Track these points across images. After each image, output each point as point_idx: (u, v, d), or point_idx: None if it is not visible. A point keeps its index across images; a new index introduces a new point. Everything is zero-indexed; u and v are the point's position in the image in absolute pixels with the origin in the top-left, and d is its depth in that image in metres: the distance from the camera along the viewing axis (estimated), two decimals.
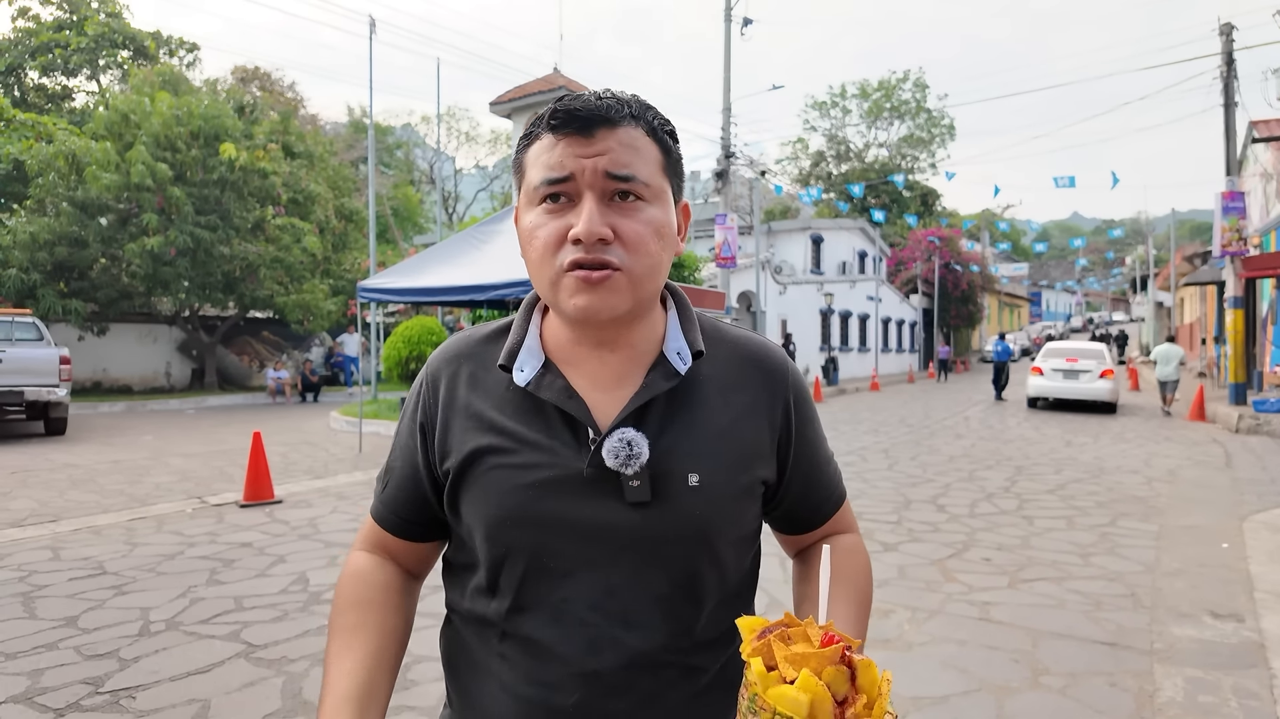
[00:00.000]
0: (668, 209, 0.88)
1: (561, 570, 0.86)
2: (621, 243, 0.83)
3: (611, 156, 0.82)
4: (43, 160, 15.28)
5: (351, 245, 20.28)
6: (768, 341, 1.01)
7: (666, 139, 0.88)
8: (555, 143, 0.83)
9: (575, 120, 0.82)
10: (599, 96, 0.84)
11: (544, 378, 0.89)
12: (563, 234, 0.83)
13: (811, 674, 0.66)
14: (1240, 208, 14.21)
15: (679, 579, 0.87)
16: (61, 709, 2.98)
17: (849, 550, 1.01)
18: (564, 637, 0.85)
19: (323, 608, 4.12)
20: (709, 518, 0.87)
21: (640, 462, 0.84)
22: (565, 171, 0.82)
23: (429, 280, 9.33)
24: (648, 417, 0.88)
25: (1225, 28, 14.57)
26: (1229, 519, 6.26)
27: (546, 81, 19.01)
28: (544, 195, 0.84)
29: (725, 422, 0.91)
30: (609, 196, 0.83)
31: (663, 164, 0.87)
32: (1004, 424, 13.60)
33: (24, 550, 5.28)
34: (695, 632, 0.89)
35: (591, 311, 0.84)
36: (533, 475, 0.86)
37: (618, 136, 0.83)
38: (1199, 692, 3.14)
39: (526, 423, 0.89)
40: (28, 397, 10.55)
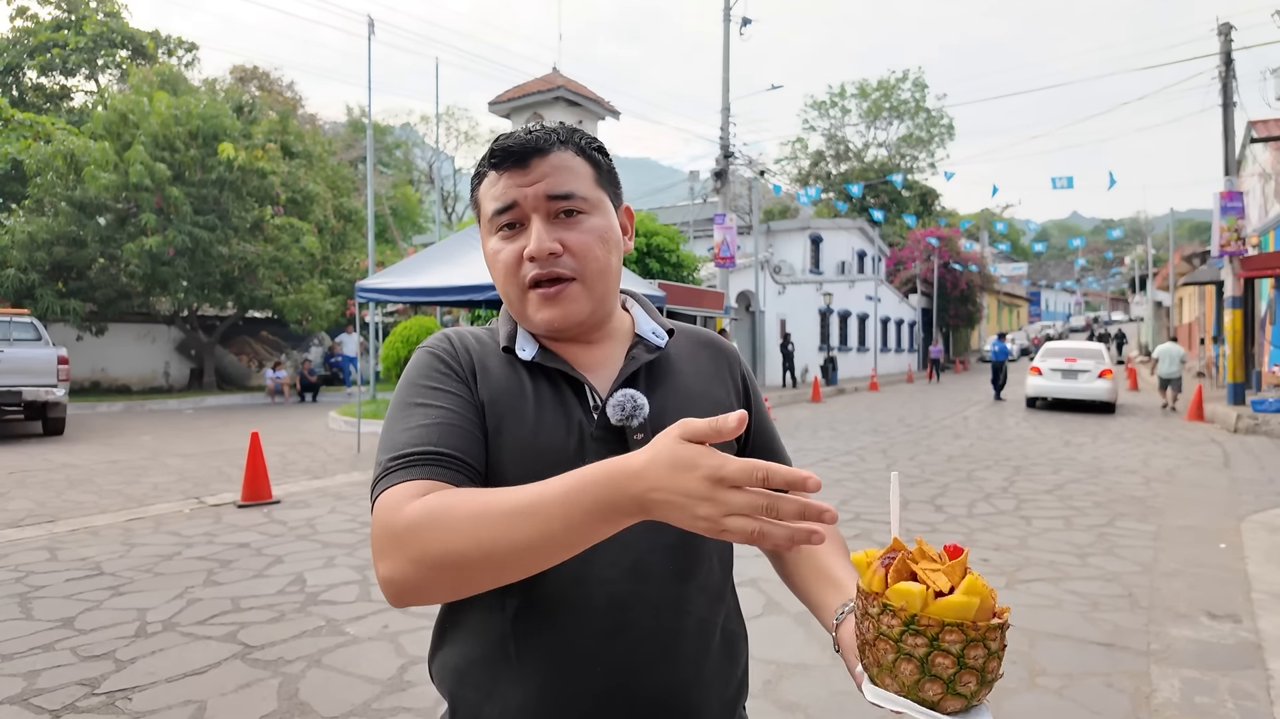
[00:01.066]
0: (608, 216, 0.98)
1: None
2: (571, 253, 0.93)
3: (548, 180, 0.92)
4: (41, 160, 15.27)
5: (350, 245, 20.28)
6: (711, 332, 1.14)
7: (595, 155, 0.98)
8: (499, 178, 0.94)
9: (511, 155, 0.93)
10: (529, 131, 0.95)
11: (545, 355, 0.97)
12: (519, 255, 0.93)
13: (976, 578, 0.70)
14: (1239, 208, 14.21)
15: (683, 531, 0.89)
16: (58, 710, 2.97)
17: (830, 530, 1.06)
18: (586, 596, 0.89)
19: (320, 609, 4.12)
20: None
21: (644, 413, 0.92)
22: (510, 200, 0.93)
23: (428, 280, 9.32)
24: (637, 384, 0.97)
25: (1224, 28, 14.57)
26: (1227, 519, 6.26)
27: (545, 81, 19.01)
28: (498, 225, 0.95)
29: (699, 385, 1.03)
30: (553, 215, 0.93)
31: (595, 178, 0.97)
32: (1002, 424, 13.60)
33: (21, 551, 5.27)
34: (704, 582, 0.95)
35: (556, 323, 0.94)
36: (546, 438, 0.92)
37: (550, 162, 0.93)
38: (1195, 693, 3.14)
39: (539, 389, 0.96)
40: (26, 396, 10.54)
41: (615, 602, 0.89)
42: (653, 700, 0.90)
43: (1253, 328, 16.77)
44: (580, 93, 18.88)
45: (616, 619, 0.89)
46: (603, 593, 0.89)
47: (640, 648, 0.89)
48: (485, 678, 0.91)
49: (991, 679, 0.72)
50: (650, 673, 0.89)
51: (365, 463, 9.13)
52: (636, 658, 0.89)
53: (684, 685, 0.91)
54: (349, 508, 6.66)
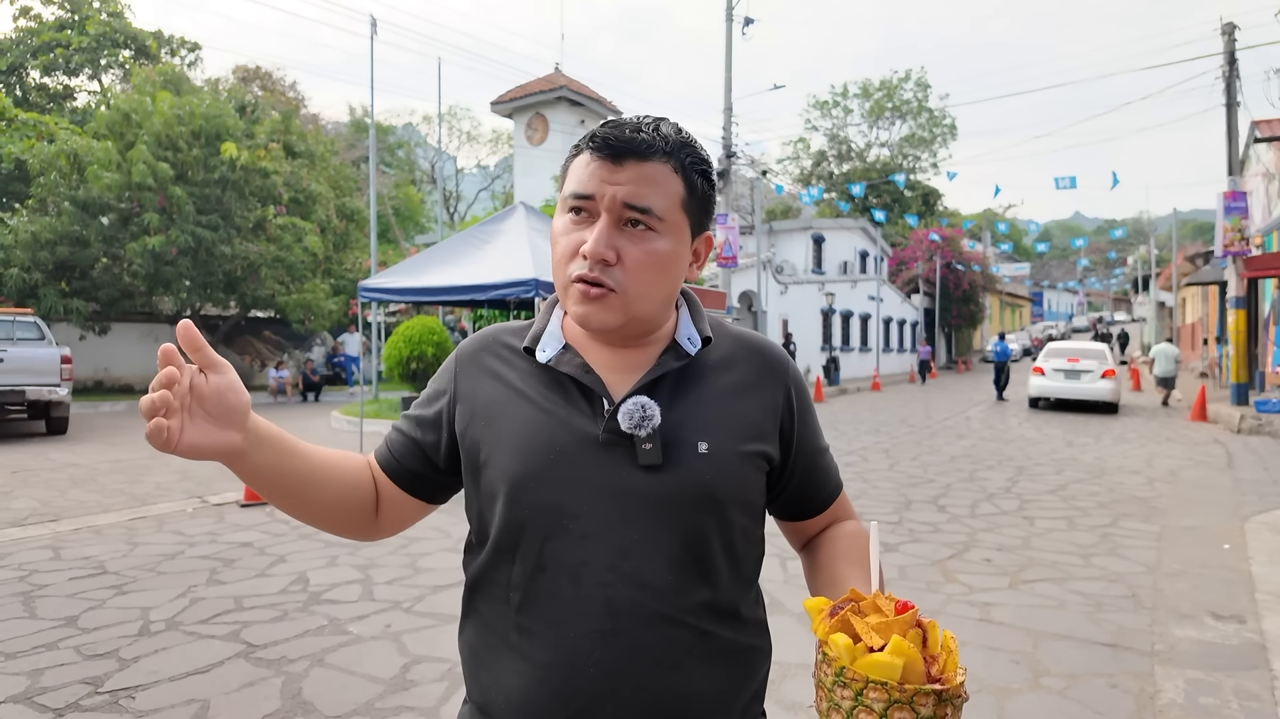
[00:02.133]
0: (679, 242, 0.95)
1: (579, 532, 0.91)
2: (623, 267, 0.91)
3: (633, 189, 0.90)
4: (44, 160, 15.28)
5: (353, 245, 20.28)
6: (768, 339, 1.10)
7: (695, 177, 0.95)
8: (590, 162, 0.92)
9: (609, 147, 0.91)
10: (639, 129, 0.92)
11: (563, 356, 0.98)
12: (576, 248, 0.93)
13: (901, 639, 0.68)
14: (1242, 208, 14.18)
15: (689, 542, 0.92)
16: (61, 709, 2.98)
17: (855, 535, 1.08)
18: (583, 597, 0.90)
19: (323, 608, 4.12)
20: (716, 483, 0.93)
21: (653, 423, 0.92)
22: (589, 191, 0.92)
23: (430, 280, 9.32)
24: (659, 391, 0.96)
25: (1227, 27, 14.54)
26: (1231, 520, 6.24)
27: (548, 81, 19.02)
28: (570, 206, 0.94)
29: (730, 398, 0.99)
30: (622, 222, 0.92)
31: (683, 200, 0.94)
32: (1005, 424, 13.58)
33: (25, 550, 5.28)
34: (708, 597, 0.93)
35: (585, 321, 0.94)
36: (552, 440, 0.93)
37: (643, 170, 0.91)
38: (1200, 693, 3.13)
39: (546, 393, 0.97)
40: (29, 396, 10.56)
41: (612, 606, 0.89)
42: (647, 707, 0.89)
43: (1256, 328, 16.73)
44: (583, 92, 18.89)
45: (614, 623, 0.89)
46: (600, 595, 0.89)
47: (637, 654, 0.89)
48: (493, 663, 0.94)
49: None
50: (646, 680, 0.89)
51: None
52: (632, 663, 0.89)
53: (682, 696, 0.90)
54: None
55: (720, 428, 0.96)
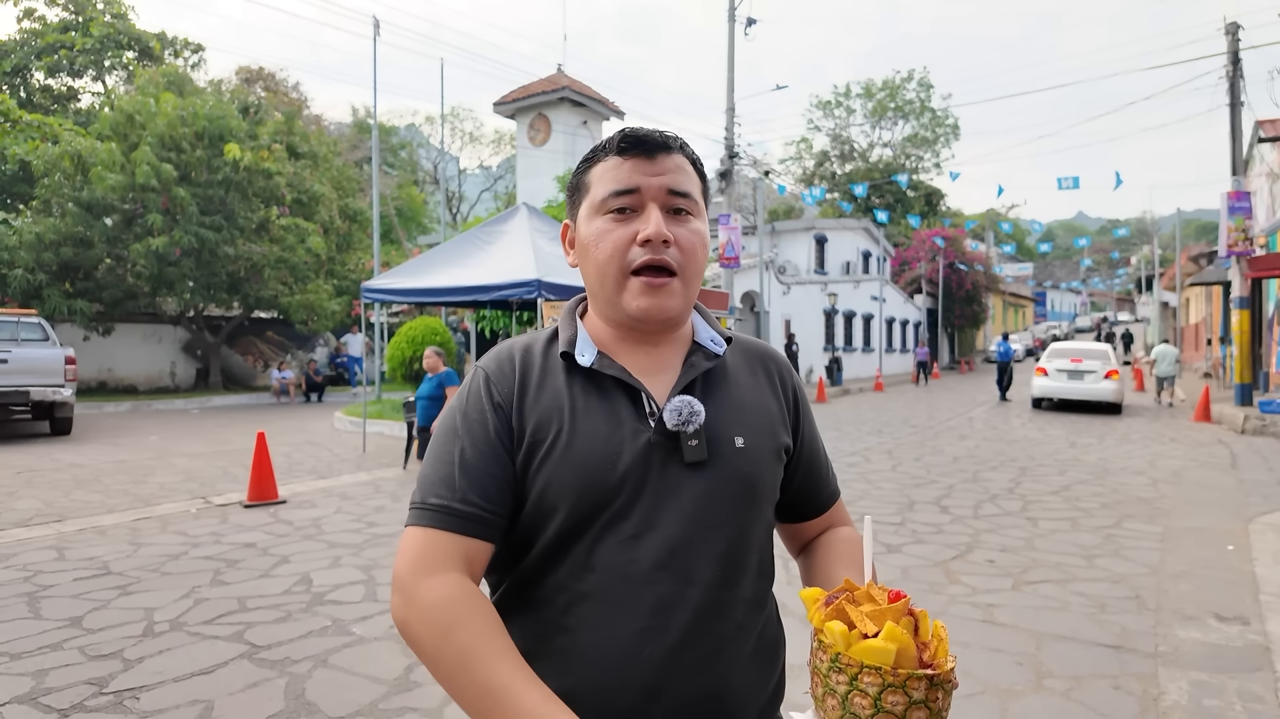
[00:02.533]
0: (707, 226, 1.03)
1: (629, 532, 0.93)
2: (680, 248, 0.97)
3: (673, 176, 0.97)
4: (48, 161, 15.33)
5: (356, 245, 20.32)
6: (764, 342, 1.17)
7: (700, 169, 1.04)
8: (622, 163, 0.97)
9: (643, 145, 0.97)
10: (659, 131, 1.00)
11: (603, 361, 1.00)
12: (630, 238, 0.95)
13: (894, 625, 0.71)
14: (1246, 208, 14.14)
15: (732, 536, 0.96)
16: (66, 710, 2.99)
17: (850, 540, 1.11)
18: (634, 595, 0.91)
19: (326, 608, 4.13)
20: (756, 475, 0.99)
21: (699, 420, 0.95)
22: (633, 185, 0.96)
23: (433, 281, 9.34)
24: (693, 391, 1.00)
25: (1231, 27, 14.51)
26: (1234, 521, 6.23)
27: (550, 81, 19.03)
28: (611, 207, 0.97)
29: (753, 396, 1.04)
30: (668, 210, 0.97)
31: (701, 189, 1.04)
32: (1008, 425, 13.56)
33: (29, 550, 5.30)
34: (746, 591, 0.98)
35: (653, 313, 0.97)
36: (609, 444, 0.95)
37: (675, 161, 0.98)
38: (1204, 695, 3.13)
39: (591, 400, 0.98)
40: (33, 397, 10.59)
41: (662, 603, 0.91)
42: (692, 700, 0.91)
43: (1260, 328, 16.69)
44: (585, 93, 18.89)
45: (662, 619, 0.91)
46: (651, 593, 0.91)
47: (684, 649, 0.91)
48: (536, 665, 0.89)
49: None
50: (692, 674, 0.91)
51: (371, 463, 9.15)
52: (680, 658, 0.91)
53: (723, 689, 0.93)
54: (355, 508, 6.67)
55: (752, 424, 1.01)
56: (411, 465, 8.72)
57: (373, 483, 7.88)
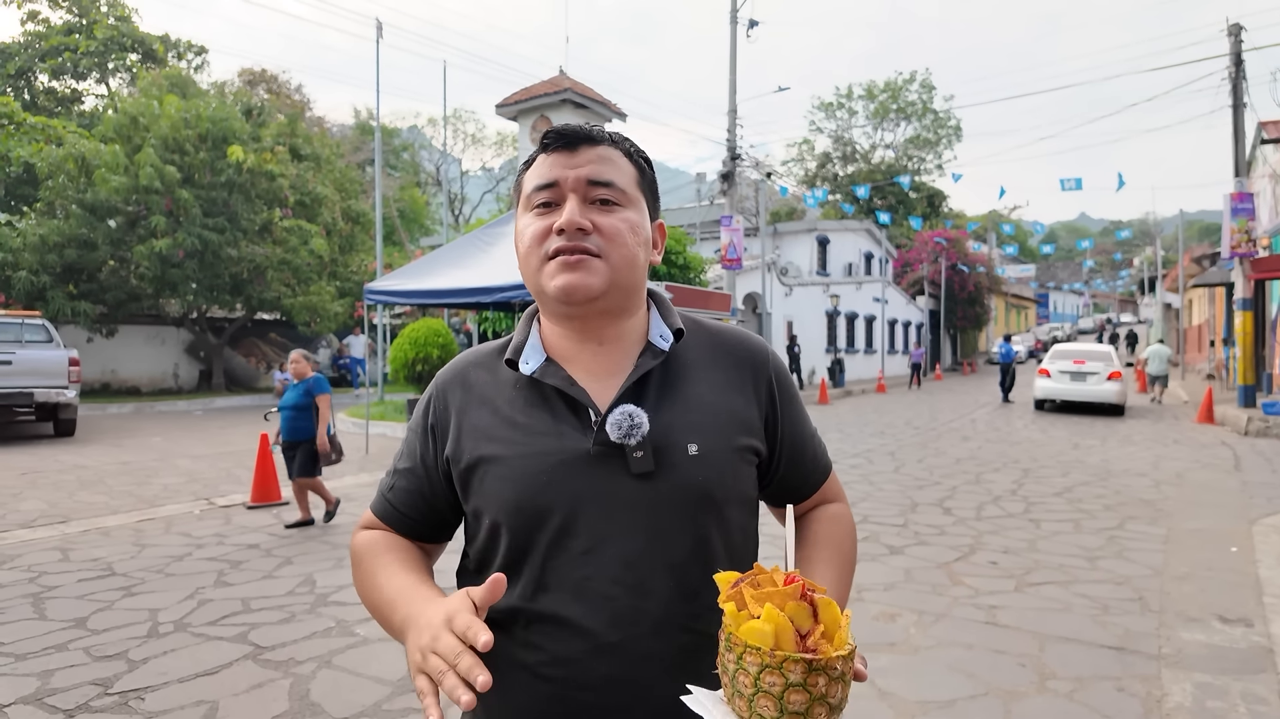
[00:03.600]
0: (643, 215, 1.00)
1: (580, 548, 0.91)
2: (600, 234, 0.94)
3: (592, 167, 0.96)
4: (52, 163, 15.37)
5: (358, 247, 20.35)
6: (746, 330, 1.10)
7: (641, 162, 1.02)
8: (546, 159, 0.97)
9: (563, 139, 0.97)
10: (584, 125, 0.99)
11: (548, 369, 0.98)
12: (548, 228, 0.95)
13: (774, 608, 0.72)
14: (1249, 209, 14.12)
15: (691, 545, 0.93)
16: (71, 710, 3.00)
17: (834, 518, 1.09)
18: (588, 612, 0.90)
19: (330, 609, 4.14)
20: (711, 483, 0.94)
21: (642, 431, 0.91)
22: (551, 179, 0.95)
23: (436, 282, 9.35)
24: (643, 395, 0.96)
25: (1234, 28, 14.50)
26: (1238, 523, 6.22)
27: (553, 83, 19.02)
28: (535, 202, 0.97)
29: (713, 396, 0.99)
30: (590, 200, 0.95)
31: (638, 180, 1.00)
32: (1011, 426, 13.55)
33: (34, 551, 5.31)
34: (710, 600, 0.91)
35: (570, 289, 0.93)
36: (545, 460, 0.93)
37: (598, 152, 0.97)
38: (1207, 697, 3.13)
39: (533, 413, 0.96)
40: (37, 398, 10.61)
41: (617, 619, 0.89)
42: (657, 714, 0.89)
43: (1263, 330, 16.66)
44: (587, 95, 18.90)
45: (619, 635, 0.89)
46: (605, 609, 0.89)
47: (644, 664, 0.89)
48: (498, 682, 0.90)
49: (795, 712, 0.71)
50: (656, 688, 0.88)
51: (374, 464, 9.16)
52: (640, 673, 0.89)
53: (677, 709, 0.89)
54: (358, 509, 6.68)
55: (708, 427, 0.96)
56: None
57: (375, 484, 7.87)
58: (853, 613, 0.78)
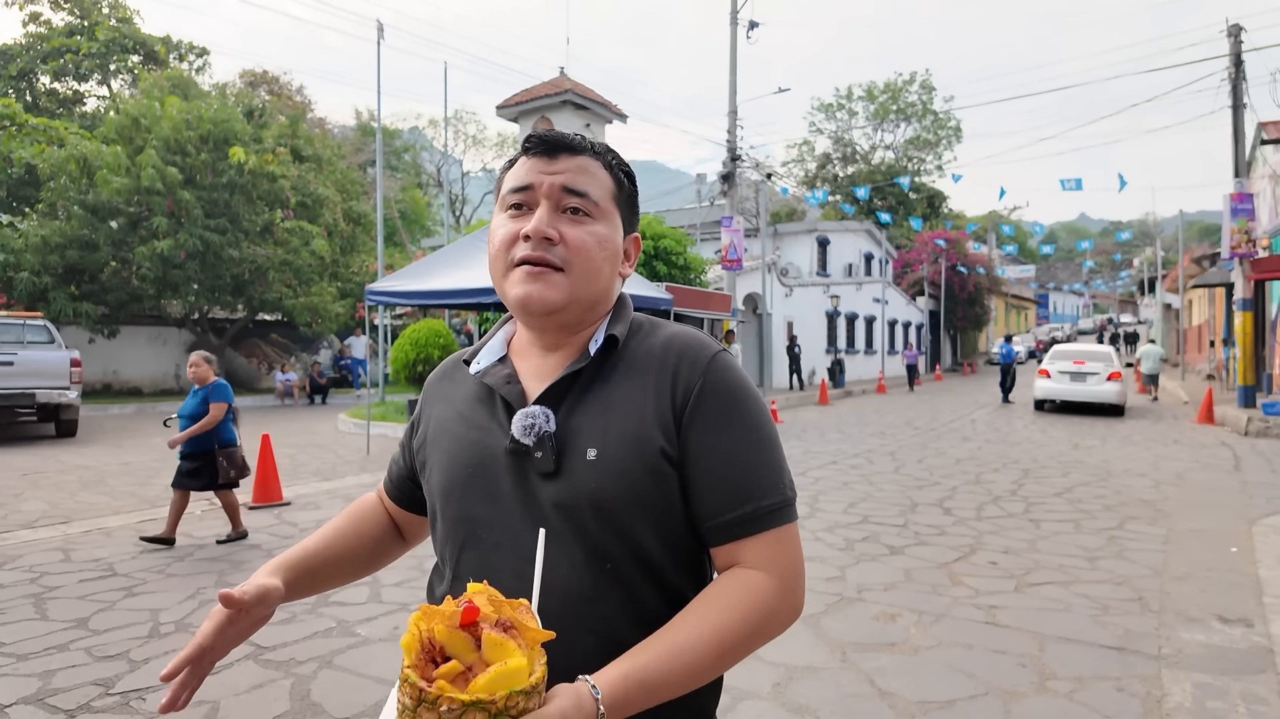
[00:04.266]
0: (615, 230, 1.00)
1: (492, 541, 0.94)
2: (566, 246, 0.95)
3: (568, 176, 0.96)
4: (54, 164, 15.40)
5: (359, 248, 20.37)
6: (700, 336, 1.00)
7: (621, 175, 1.02)
8: (525, 160, 0.98)
9: (543, 144, 0.97)
10: (570, 134, 0.99)
11: (494, 368, 1.02)
12: (516, 233, 0.96)
13: (416, 624, 0.72)
14: (1249, 209, 14.13)
15: (592, 550, 0.91)
16: (73, 710, 3.00)
17: (744, 585, 0.89)
18: None
19: (330, 610, 4.15)
20: (603, 491, 0.90)
21: (538, 432, 0.92)
22: (526, 182, 0.96)
23: (437, 283, 9.37)
24: (564, 398, 0.96)
25: (1233, 29, 14.51)
26: (1238, 523, 6.23)
27: (553, 85, 19.05)
28: (509, 204, 0.98)
29: (629, 402, 0.94)
30: (562, 209, 0.96)
31: (614, 193, 1.00)
32: (1011, 427, 13.55)
33: (35, 552, 5.32)
34: (624, 607, 0.91)
35: (529, 300, 0.94)
36: (472, 453, 0.98)
37: (576, 162, 0.97)
38: (1207, 697, 3.13)
39: (476, 408, 1.02)
40: (39, 399, 10.63)
41: None
42: None
43: (1263, 330, 16.66)
44: (588, 96, 18.91)
45: None
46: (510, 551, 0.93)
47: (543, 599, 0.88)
48: None
49: None
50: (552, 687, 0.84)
51: (374, 464, 9.17)
52: None
53: None
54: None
55: (614, 433, 0.91)
56: None
57: (375, 484, 7.90)
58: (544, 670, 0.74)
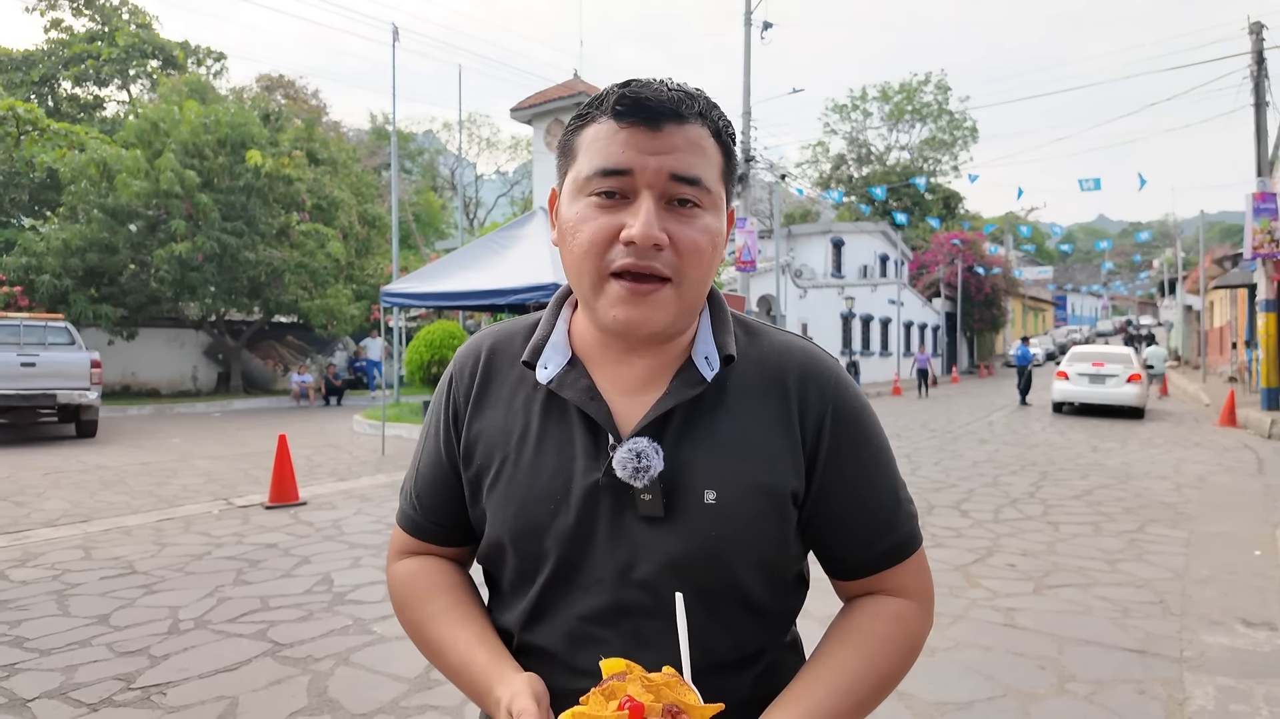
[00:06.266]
0: (723, 219, 0.82)
1: (580, 584, 0.83)
2: (676, 250, 0.77)
3: (678, 157, 0.76)
4: (75, 168, 15.63)
5: (374, 251, 20.52)
6: (813, 348, 0.90)
7: (729, 142, 0.82)
8: (617, 131, 0.76)
9: (643, 110, 0.75)
10: (668, 87, 0.78)
11: (568, 376, 0.84)
12: (613, 233, 0.76)
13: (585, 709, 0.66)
14: (1272, 209, 13.93)
15: (695, 600, 0.79)
16: (95, 704, 3.04)
17: (886, 616, 0.86)
18: (575, 651, 0.82)
19: (347, 608, 4.17)
20: (725, 538, 0.80)
21: (649, 474, 0.78)
22: (626, 165, 0.76)
23: (452, 285, 9.42)
24: (669, 426, 0.82)
25: (1255, 26, 14.33)
26: (1261, 526, 6.14)
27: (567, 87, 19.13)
28: (595, 189, 0.77)
29: (751, 435, 0.82)
30: (668, 200, 0.77)
31: (723, 169, 0.81)
32: (1028, 429, 13.43)
33: (57, 550, 5.39)
34: (715, 653, 0.83)
35: (632, 326, 0.78)
36: (553, 483, 0.82)
37: (686, 134, 0.77)
38: (1230, 700, 3.09)
39: (547, 424, 0.84)
40: (60, 400, 10.77)
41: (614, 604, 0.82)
42: None
43: None
44: None
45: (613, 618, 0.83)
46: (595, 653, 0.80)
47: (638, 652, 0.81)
48: None
49: None
50: None
51: (390, 466, 9.22)
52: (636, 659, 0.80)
53: None
54: (375, 509, 6.73)
55: (733, 472, 0.81)
56: None
57: (392, 485, 7.94)
58: None
